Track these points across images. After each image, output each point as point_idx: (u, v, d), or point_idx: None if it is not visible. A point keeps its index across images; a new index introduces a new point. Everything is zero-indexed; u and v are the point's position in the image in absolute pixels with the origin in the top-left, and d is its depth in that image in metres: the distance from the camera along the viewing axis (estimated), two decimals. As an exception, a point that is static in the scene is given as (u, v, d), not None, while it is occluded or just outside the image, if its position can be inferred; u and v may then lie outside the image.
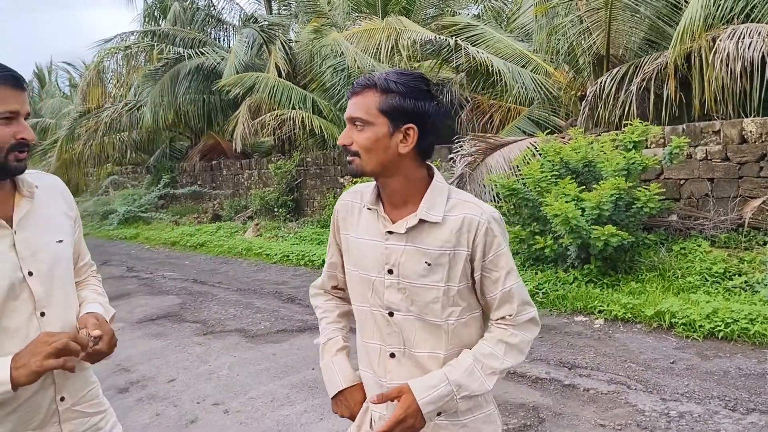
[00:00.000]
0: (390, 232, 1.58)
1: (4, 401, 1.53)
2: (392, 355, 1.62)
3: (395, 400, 1.54)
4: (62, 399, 1.67)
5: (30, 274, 1.59)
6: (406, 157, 1.54)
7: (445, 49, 10.10)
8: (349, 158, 1.56)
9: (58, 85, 33.40)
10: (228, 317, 6.51)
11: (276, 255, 9.80)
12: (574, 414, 3.75)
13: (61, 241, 1.71)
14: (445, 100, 11.31)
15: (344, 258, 1.73)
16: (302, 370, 4.76)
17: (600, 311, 5.60)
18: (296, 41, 14.62)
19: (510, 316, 1.59)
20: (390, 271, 1.58)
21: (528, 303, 1.62)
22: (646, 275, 6.17)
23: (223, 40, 17.61)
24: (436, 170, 1.62)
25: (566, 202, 5.93)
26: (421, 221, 1.55)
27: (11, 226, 1.60)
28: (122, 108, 16.34)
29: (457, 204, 1.57)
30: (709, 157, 7.02)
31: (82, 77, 20.38)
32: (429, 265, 1.55)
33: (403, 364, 1.61)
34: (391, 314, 1.61)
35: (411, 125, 1.51)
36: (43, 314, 1.61)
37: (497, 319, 1.61)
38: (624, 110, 7.95)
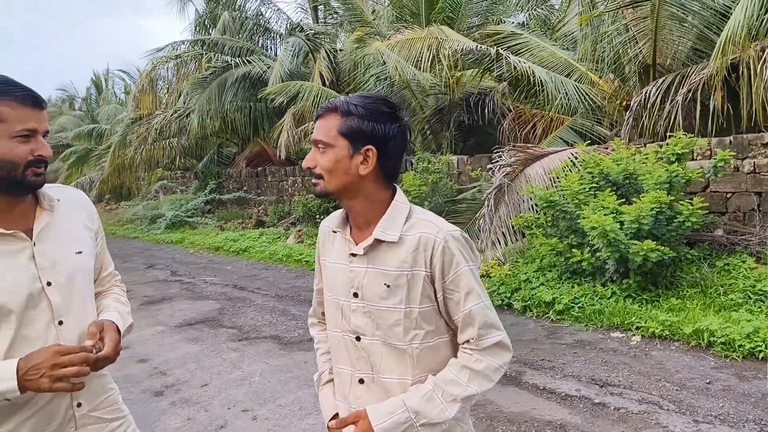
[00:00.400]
0: (353, 255, 1.58)
1: (20, 407, 1.60)
2: (361, 381, 1.61)
3: (354, 426, 1.53)
4: (79, 405, 1.71)
5: (48, 284, 1.65)
6: (367, 179, 1.54)
7: (487, 59, 10.03)
8: (314, 180, 1.57)
9: (114, 92, 34.46)
10: (264, 323, 6.60)
11: (315, 262, 9.85)
12: (602, 433, 3.67)
13: (80, 252, 1.77)
14: (487, 109, 11.24)
15: (323, 284, 1.75)
16: (332, 379, 4.79)
17: (637, 328, 5.47)
18: (341, 50, 14.75)
19: (473, 339, 1.54)
20: (355, 294, 1.58)
21: (493, 326, 1.56)
22: (687, 291, 5.99)
23: (270, 48, 17.87)
24: (399, 190, 1.62)
25: (605, 215, 5.82)
26: (378, 241, 1.54)
27: (31, 238, 1.66)
28: (172, 115, 16.73)
29: (416, 223, 1.56)
30: (757, 170, 6.80)
31: (135, 85, 21.00)
32: (388, 287, 1.53)
33: (372, 390, 1.60)
34: (358, 339, 1.60)
35: (370, 147, 1.51)
36: (61, 323, 1.66)
37: (462, 344, 1.58)
38: (669, 121, 7.74)
